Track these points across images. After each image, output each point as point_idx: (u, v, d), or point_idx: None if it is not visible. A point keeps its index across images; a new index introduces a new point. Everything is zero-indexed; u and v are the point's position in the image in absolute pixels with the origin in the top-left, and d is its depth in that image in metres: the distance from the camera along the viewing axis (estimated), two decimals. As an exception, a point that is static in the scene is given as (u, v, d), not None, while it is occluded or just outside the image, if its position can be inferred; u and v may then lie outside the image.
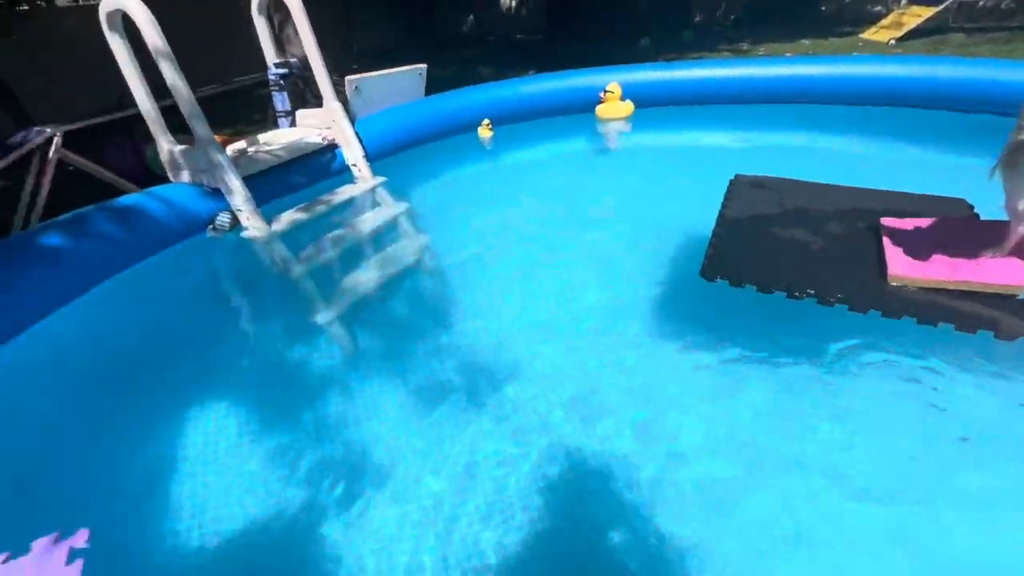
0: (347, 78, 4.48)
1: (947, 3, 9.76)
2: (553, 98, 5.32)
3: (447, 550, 1.52)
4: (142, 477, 1.88)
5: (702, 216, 2.86)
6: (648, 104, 5.24)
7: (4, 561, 1.42)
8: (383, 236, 3.52)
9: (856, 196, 2.78)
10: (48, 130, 4.09)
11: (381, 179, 4.10)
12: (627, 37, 12.72)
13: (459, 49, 14.88)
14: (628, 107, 5.09)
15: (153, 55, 2.97)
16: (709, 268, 2.33)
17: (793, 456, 1.72)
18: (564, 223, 3.52)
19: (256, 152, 3.84)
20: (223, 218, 3.41)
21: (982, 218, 2.40)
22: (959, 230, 2.27)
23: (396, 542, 1.56)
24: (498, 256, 3.20)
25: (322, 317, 2.67)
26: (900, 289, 2.08)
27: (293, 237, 3.36)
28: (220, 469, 1.88)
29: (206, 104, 3.47)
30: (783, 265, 2.31)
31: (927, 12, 9.79)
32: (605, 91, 4.99)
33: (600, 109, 5.12)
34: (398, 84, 4.90)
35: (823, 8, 14.89)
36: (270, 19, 4.34)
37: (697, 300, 2.46)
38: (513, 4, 18.20)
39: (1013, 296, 1.93)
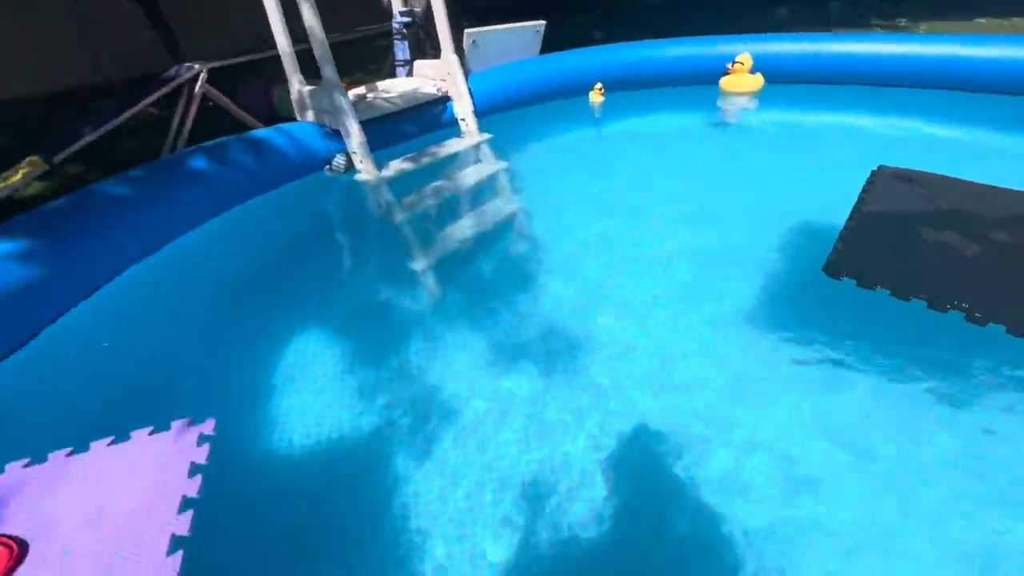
0: (465, 31, 4.47)
1: None
2: (674, 65, 4.97)
3: (497, 497, 1.59)
4: (253, 384, 2.10)
5: (832, 207, 2.58)
6: (780, 80, 4.76)
7: (150, 434, 1.65)
8: (481, 192, 3.55)
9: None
10: (196, 67, 4.49)
11: (487, 136, 4.11)
12: (762, 6, 11.56)
13: (574, 13, 14.34)
14: (757, 81, 4.64)
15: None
16: (836, 264, 2.12)
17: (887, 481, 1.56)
18: (670, 199, 3.34)
19: (374, 98, 3.99)
20: (339, 159, 3.61)
21: None
22: None
23: (455, 479, 1.66)
24: (594, 226, 3.11)
25: (416, 264, 2.79)
26: (1078, 317, 1.77)
27: (399, 184, 3.49)
28: (316, 389, 2.06)
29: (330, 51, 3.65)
30: (927, 271, 2.04)
31: None
32: (734, 62, 4.58)
33: (725, 81, 4.73)
34: (515, 40, 4.82)
35: (1010, -19, 12.53)
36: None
37: (815, 296, 2.25)
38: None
39: None
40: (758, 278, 2.47)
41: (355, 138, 3.45)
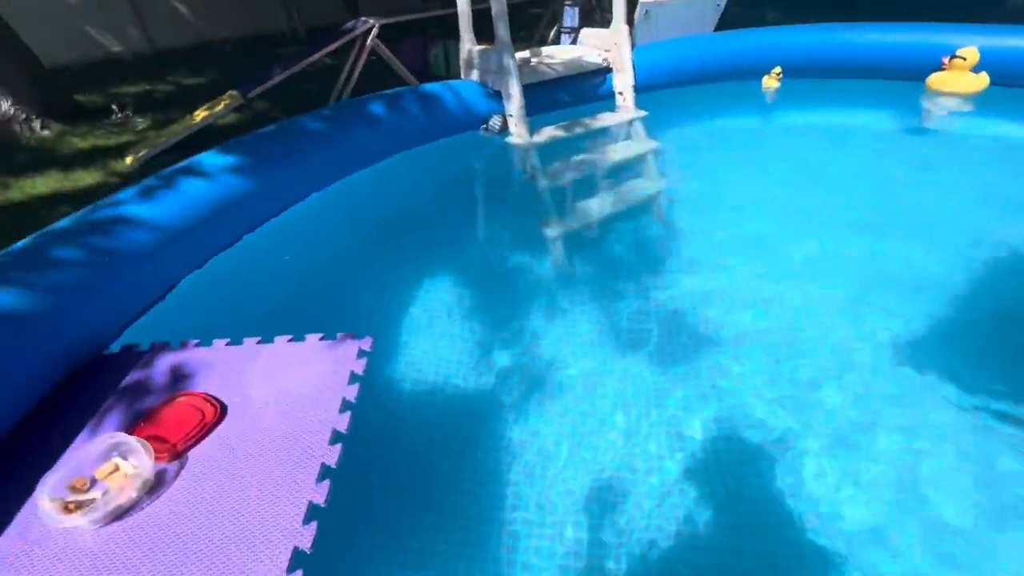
0: (640, 1, 4.29)
1: None
2: (870, 54, 4.29)
3: (594, 475, 1.62)
4: (401, 315, 2.33)
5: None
6: (1013, 82, 3.92)
7: (320, 339, 1.92)
8: (627, 170, 3.47)
9: None
10: (371, 21, 4.84)
11: (642, 113, 3.97)
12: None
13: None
14: (981, 80, 3.86)
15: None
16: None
17: None
18: (839, 207, 2.98)
19: (538, 64, 4.03)
20: (496, 120, 3.73)
21: None
22: None
23: (553, 448, 1.72)
24: (744, 223, 2.91)
25: (552, 231, 2.84)
26: None
27: (548, 151, 3.53)
28: (451, 332, 2.24)
29: (479, 17, 3.75)
30: None
31: None
32: (953, 56, 3.85)
33: (936, 78, 4.00)
34: (690, 13, 4.53)
35: None
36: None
37: (1008, 344, 1.90)
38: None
39: None
40: (935, 310, 2.16)
41: (515, 101, 3.54)
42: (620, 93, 4.07)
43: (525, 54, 4.19)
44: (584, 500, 1.56)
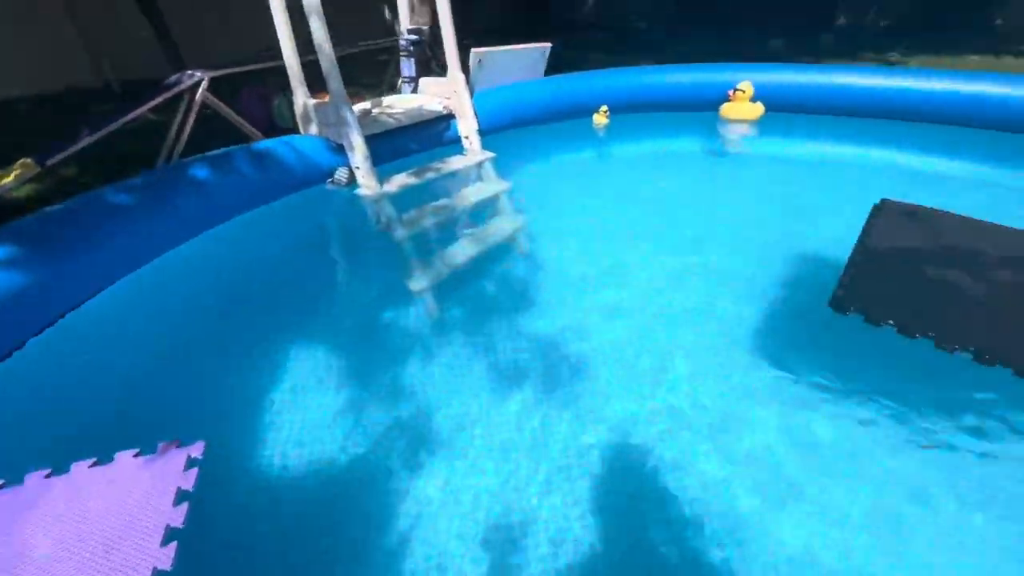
0: (472, 50, 4.50)
1: None
2: (677, 91, 5.03)
3: (484, 530, 1.54)
4: (246, 405, 2.03)
5: (834, 239, 2.59)
6: (781, 109, 4.82)
7: (135, 456, 1.58)
8: (483, 211, 3.53)
9: (1032, 242, 2.38)
10: (198, 74, 4.47)
11: (490, 154, 4.10)
12: (758, 35, 11.82)
13: (577, 33, 14.62)
14: (758, 109, 4.70)
15: (306, 12, 3.14)
16: (843, 299, 2.10)
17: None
18: (672, 226, 3.34)
19: (379, 114, 3.98)
20: (341, 173, 3.58)
21: None
22: None
23: (442, 507, 1.61)
24: (595, 251, 3.10)
25: (415, 282, 2.75)
26: (1087, 361, 1.75)
27: (400, 200, 3.46)
28: (310, 409, 2.00)
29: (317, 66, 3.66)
30: (933, 309, 2.03)
31: None
32: (735, 89, 4.64)
33: (726, 108, 4.78)
34: (521, 61, 4.86)
35: (999, 21, 12.92)
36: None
37: (820, 331, 2.23)
38: (635, -8, 17.53)
39: None
40: (762, 309, 2.45)
41: (359, 152, 3.43)
42: (466, 137, 4.18)
43: (365, 105, 4.12)
44: (480, 543, 1.47)
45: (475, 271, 2.94)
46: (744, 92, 4.62)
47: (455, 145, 4.25)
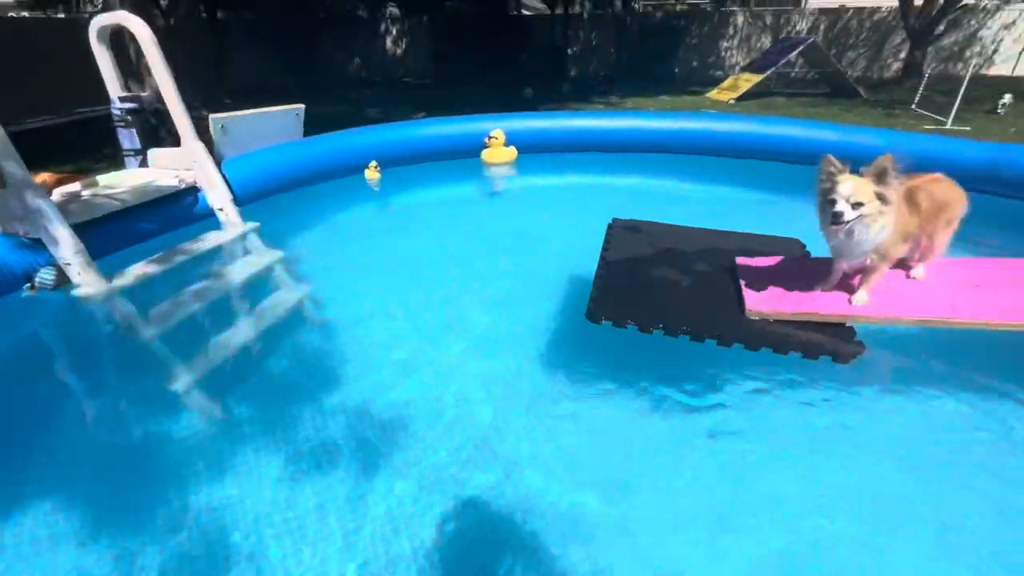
0: (211, 117, 4.11)
1: (769, 72, 11.68)
2: (441, 142, 5.39)
3: None
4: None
5: (587, 258, 2.99)
6: (532, 150, 5.51)
7: None
8: (256, 287, 3.19)
9: (715, 237, 3.07)
10: None
11: (253, 225, 3.75)
12: (512, 86, 13.47)
13: (346, 90, 14.67)
14: (511, 152, 5.29)
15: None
16: (594, 311, 2.40)
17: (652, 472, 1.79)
18: (452, 266, 3.49)
19: (94, 196, 3.32)
20: (45, 274, 2.86)
21: (812, 256, 2.77)
22: (797, 266, 2.59)
23: None
24: (385, 302, 3.05)
25: (180, 383, 2.31)
26: (756, 322, 2.29)
27: (143, 293, 2.91)
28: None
29: (40, 136, 2.95)
30: (660, 305, 2.44)
31: (755, 78, 11.64)
32: (489, 136, 5.15)
33: (485, 154, 5.27)
34: (272, 124, 4.61)
35: (676, 71, 17.10)
36: (121, 48, 3.87)
37: (584, 340, 2.54)
38: (399, 50, 18.50)
39: (842, 324, 2.22)
40: (542, 330, 2.70)
41: (66, 246, 2.79)
42: (220, 209, 3.76)
43: (73, 187, 3.40)
44: None
45: (261, 352, 2.62)
46: (497, 139, 5.16)
47: (211, 219, 3.78)
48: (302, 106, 4.90)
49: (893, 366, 2.40)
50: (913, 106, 10.36)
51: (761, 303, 2.33)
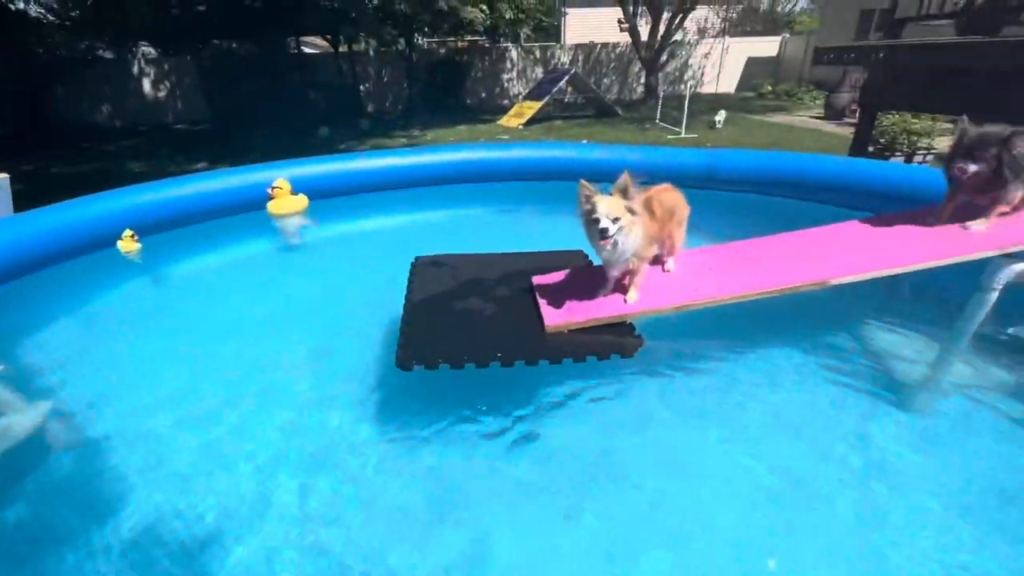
0: None
1: (546, 99, 13.14)
2: (210, 199, 4.76)
3: None
4: None
5: (398, 302, 2.89)
6: (323, 196, 5.22)
7: None
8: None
9: (513, 260, 3.23)
10: None
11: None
12: (305, 126, 12.78)
13: (98, 142, 12.30)
14: (301, 201, 4.93)
15: None
16: (403, 358, 2.31)
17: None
18: (250, 334, 3.08)
19: None
20: None
21: (594, 264, 3.09)
22: (582, 277, 2.86)
23: None
24: (168, 394, 2.57)
25: None
26: (557, 336, 2.45)
27: None
28: None
29: None
30: (468, 338, 2.46)
31: (536, 105, 12.99)
32: (272, 187, 4.72)
33: (271, 206, 4.81)
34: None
35: (468, 101, 18.18)
36: None
37: (404, 388, 2.44)
38: (163, 93, 16.20)
39: (624, 322, 2.50)
40: (353, 385, 2.55)
41: None
42: None
43: None
44: None
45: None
46: (281, 188, 4.75)
47: None
48: (5, 176, 3.87)
49: (668, 349, 2.79)
50: (657, 120, 12.60)
51: (557, 317, 2.51)
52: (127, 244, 4.10)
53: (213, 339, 3.06)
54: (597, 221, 2.12)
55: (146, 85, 15.95)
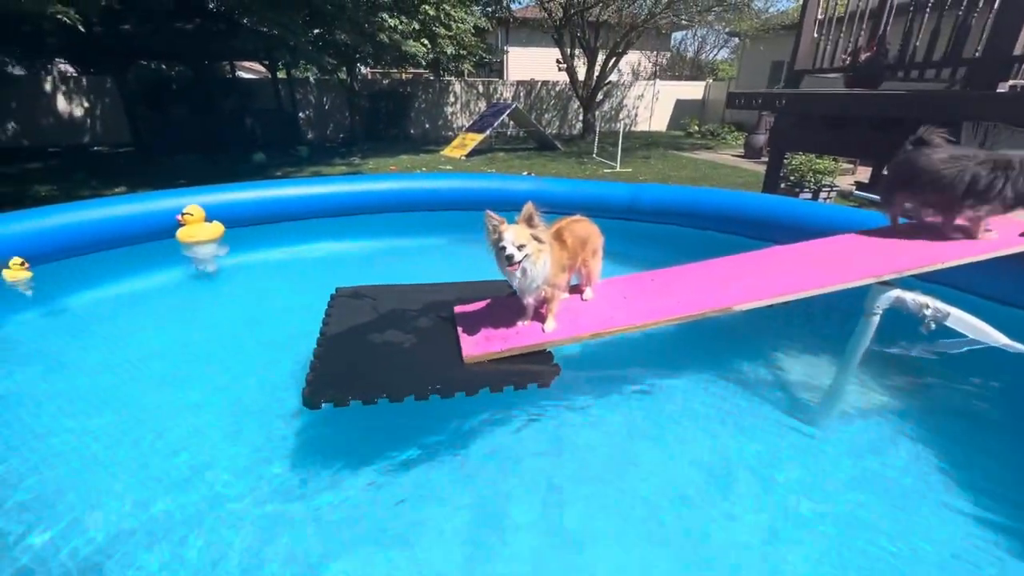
0: None
1: (488, 132, 13.44)
2: (112, 225, 4.44)
3: None
4: None
5: (312, 335, 2.78)
6: (241, 224, 5.00)
7: None
8: None
9: (436, 291, 3.20)
10: None
11: None
12: (240, 152, 12.34)
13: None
14: (215, 229, 4.67)
15: None
16: (311, 394, 2.20)
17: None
18: (144, 371, 2.84)
19: None
20: None
21: (516, 294, 3.11)
22: (503, 306, 2.86)
23: None
24: (64, 441, 2.30)
25: None
26: (476, 366, 2.42)
27: None
28: None
29: None
30: (383, 372, 2.38)
31: (479, 137, 13.24)
32: (183, 213, 4.46)
33: (181, 233, 4.53)
34: None
35: (412, 132, 18.28)
36: None
37: (302, 430, 2.33)
38: (79, 112, 15.18)
39: (543, 350, 2.51)
40: (251, 423, 2.40)
41: None
42: None
43: None
44: None
45: None
46: (193, 215, 4.50)
47: None
48: None
49: (584, 376, 2.82)
50: (594, 155, 13.17)
51: (476, 347, 2.49)
52: (14, 273, 3.72)
53: (105, 379, 2.79)
54: (504, 249, 2.16)
55: (60, 102, 14.91)
